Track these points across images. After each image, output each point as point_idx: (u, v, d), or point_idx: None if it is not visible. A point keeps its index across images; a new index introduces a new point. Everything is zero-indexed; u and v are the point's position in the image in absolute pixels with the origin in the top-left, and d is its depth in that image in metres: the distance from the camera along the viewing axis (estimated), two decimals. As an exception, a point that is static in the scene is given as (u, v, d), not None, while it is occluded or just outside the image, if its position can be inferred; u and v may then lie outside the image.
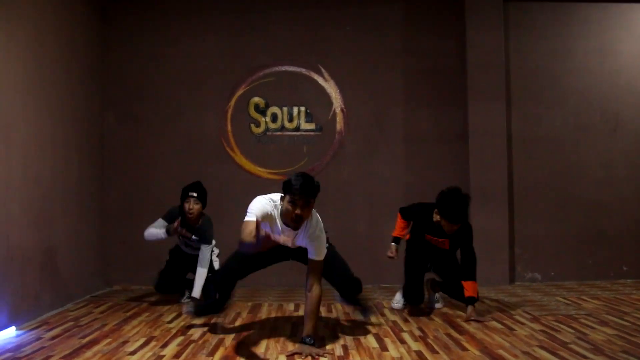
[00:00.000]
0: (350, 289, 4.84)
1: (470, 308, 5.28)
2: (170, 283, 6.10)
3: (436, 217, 5.34)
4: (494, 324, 5.06)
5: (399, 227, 5.73)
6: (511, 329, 4.85)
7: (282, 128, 7.33)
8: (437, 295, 5.87)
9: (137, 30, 7.34)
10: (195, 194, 5.89)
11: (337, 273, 4.78)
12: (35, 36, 5.53)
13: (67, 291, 6.11)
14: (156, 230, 5.84)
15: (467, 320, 5.19)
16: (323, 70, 7.35)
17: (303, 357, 4.08)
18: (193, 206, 5.86)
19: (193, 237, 5.90)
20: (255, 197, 4.34)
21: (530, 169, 7.40)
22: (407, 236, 5.76)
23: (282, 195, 4.24)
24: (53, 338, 4.68)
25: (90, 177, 6.76)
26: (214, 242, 5.96)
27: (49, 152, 5.75)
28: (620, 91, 7.50)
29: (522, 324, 5.04)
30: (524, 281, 7.31)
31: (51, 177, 5.77)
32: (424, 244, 5.60)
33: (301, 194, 4.13)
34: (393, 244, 5.72)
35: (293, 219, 4.20)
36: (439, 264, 5.69)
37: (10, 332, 4.85)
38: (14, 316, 4.99)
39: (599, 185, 7.44)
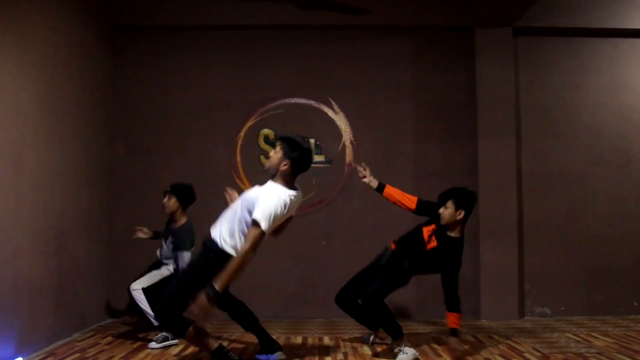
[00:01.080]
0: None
1: (452, 339, 5.19)
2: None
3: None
4: (504, 361, 5.02)
5: (400, 197, 5.65)
6: (521, 367, 4.81)
7: (292, 160, 7.33)
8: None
9: (147, 62, 7.39)
10: (169, 189, 6.00)
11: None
12: (46, 67, 5.58)
13: (74, 321, 6.10)
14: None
15: (450, 349, 5.20)
16: (333, 103, 7.37)
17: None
18: (167, 201, 5.96)
19: (168, 237, 5.97)
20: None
21: (540, 204, 7.36)
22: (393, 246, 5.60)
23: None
24: (59, 371, 4.68)
25: (99, 207, 6.77)
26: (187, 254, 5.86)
27: (58, 183, 5.77)
28: (631, 127, 7.49)
29: (532, 362, 5.00)
30: (534, 315, 7.25)
31: (60, 208, 5.78)
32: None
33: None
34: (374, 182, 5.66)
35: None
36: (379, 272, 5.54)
37: (17, 364, 4.84)
38: (22, 347, 4.98)
39: (609, 220, 7.40)
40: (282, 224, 4.66)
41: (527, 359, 5.10)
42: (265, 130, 7.35)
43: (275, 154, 4.49)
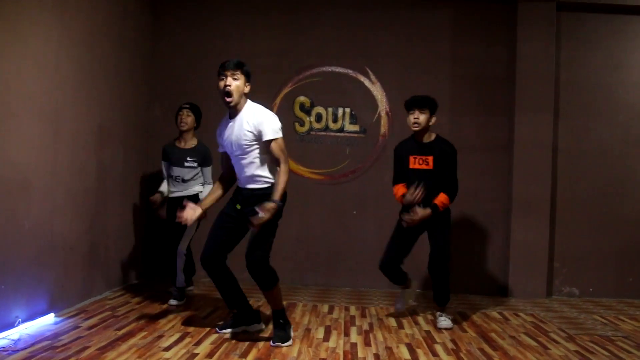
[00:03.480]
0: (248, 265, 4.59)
1: (427, 210, 5.27)
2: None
3: (409, 119, 5.50)
4: (528, 340, 5.02)
5: (399, 189, 5.53)
6: (546, 348, 4.81)
7: (326, 128, 7.34)
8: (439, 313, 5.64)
9: (187, 26, 7.41)
10: (187, 105, 6.05)
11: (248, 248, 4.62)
12: (87, 29, 5.63)
13: (106, 279, 6.23)
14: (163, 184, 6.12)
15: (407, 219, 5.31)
16: (370, 73, 7.33)
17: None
18: (185, 117, 5.99)
19: (187, 159, 6.01)
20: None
21: (575, 182, 7.28)
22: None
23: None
24: (90, 328, 4.79)
25: (134, 169, 6.85)
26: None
27: (96, 144, 5.85)
28: (673, 107, 7.35)
29: (557, 342, 4.99)
30: (562, 295, 7.23)
31: (96, 169, 5.87)
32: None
33: (226, 67, 4.62)
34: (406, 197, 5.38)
35: (221, 94, 4.59)
36: (431, 230, 5.46)
37: (50, 319, 4.97)
38: (54, 303, 5.11)
39: (644, 202, 7.31)
40: None
41: (552, 339, 5.09)
42: (302, 98, 7.35)
43: (238, 80, 4.65)
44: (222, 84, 4.58)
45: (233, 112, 4.66)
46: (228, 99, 4.56)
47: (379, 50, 7.36)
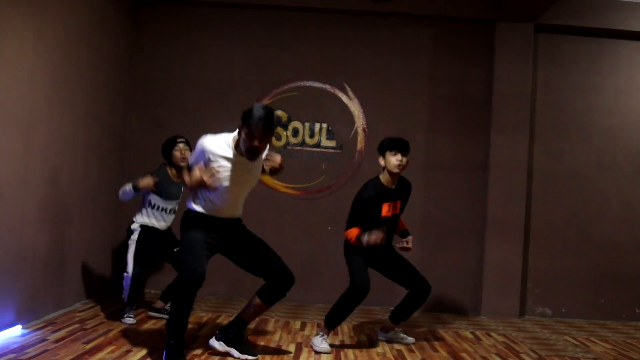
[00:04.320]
0: (285, 280, 4.64)
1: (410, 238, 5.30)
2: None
3: (385, 161, 5.18)
4: (500, 361, 5.02)
5: (355, 232, 5.10)
6: (516, 369, 4.81)
7: (303, 143, 7.33)
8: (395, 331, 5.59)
9: (166, 37, 7.37)
10: (184, 139, 5.75)
11: (271, 258, 4.67)
12: (64, 37, 5.57)
13: (76, 291, 6.15)
14: (124, 188, 5.57)
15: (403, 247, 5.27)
16: (348, 89, 7.34)
17: None
18: (184, 152, 5.66)
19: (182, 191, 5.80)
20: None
21: (549, 204, 7.33)
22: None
23: (241, 125, 4.24)
24: (57, 341, 4.71)
25: (108, 180, 6.77)
26: None
27: (69, 154, 5.78)
28: (647, 132, 7.43)
29: (528, 364, 5.00)
30: (534, 315, 7.24)
31: (69, 179, 5.80)
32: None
33: (260, 126, 4.16)
34: (364, 237, 4.97)
35: (249, 149, 4.24)
36: (391, 267, 5.39)
37: (16, 331, 4.88)
38: (22, 314, 5.02)
39: (617, 225, 7.35)
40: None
41: (523, 361, 5.10)
42: (278, 112, 7.31)
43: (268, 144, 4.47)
44: (254, 143, 4.22)
45: None
46: (251, 159, 4.35)
47: (357, 66, 7.37)
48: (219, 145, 4.35)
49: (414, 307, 5.37)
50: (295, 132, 7.34)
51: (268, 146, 4.49)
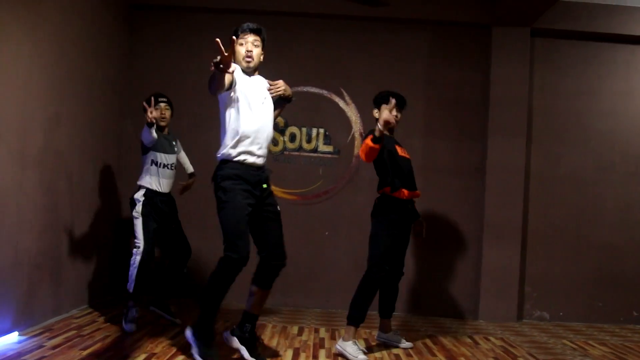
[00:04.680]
0: (277, 262, 4.61)
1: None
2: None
3: (386, 115, 4.95)
4: (497, 365, 5.01)
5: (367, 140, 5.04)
6: (514, 373, 4.80)
7: (300, 148, 7.33)
8: (393, 333, 5.58)
9: (163, 42, 7.38)
10: (165, 98, 5.79)
11: (273, 236, 4.65)
12: (60, 44, 5.58)
13: (73, 297, 6.13)
14: (145, 134, 5.54)
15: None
16: (345, 94, 7.34)
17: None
18: (164, 111, 5.74)
19: (174, 143, 5.89)
20: None
21: (547, 208, 7.33)
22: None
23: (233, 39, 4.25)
24: (54, 347, 4.69)
25: (106, 185, 6.77)
26: None
27: (65, 160, 5.78)
28: (643, 135, 7.44)
29: (526, 368, 4.99)
30: (532, 319, 7.24)
31: (65, 184, 5.80)
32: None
33: (247, 31, 4.58)
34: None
35: (244, 57, 4.54)
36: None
37: (13, 338, 4.87)
38: (18, 321, 5.01)
39: (615, 228, 7.35)
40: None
41: (521, 365, 5.10)
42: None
43: (258, 48, 4.65)
44: (243, 49, 4.55)
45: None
46: (249, 62, 4.59)
47: (354, 71, 7.38)
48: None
49: (390, 294, 5.41)
50: (293, 137, 7.34)
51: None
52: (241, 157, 4.42)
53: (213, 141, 7.09)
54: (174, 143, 5.89)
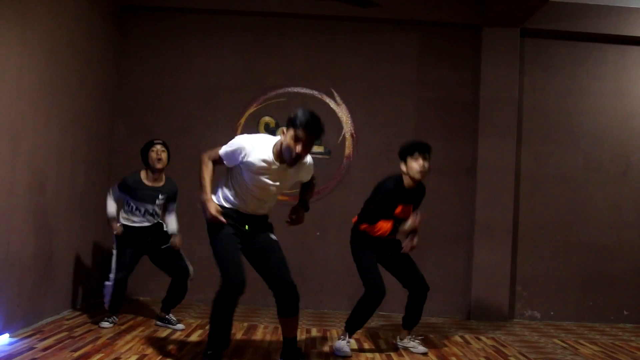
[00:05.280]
0: (289, 296, 4.51)
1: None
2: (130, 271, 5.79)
3: (407, 166, 5.13)
4: (488, 365, 5.03)
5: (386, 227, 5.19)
6: (505, 372, 4.82)
7: (291, 149, 7.32)
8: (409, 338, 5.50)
9: (153, 44, 7.37)
10: (161, 141, 5.74)
11: (275, 269, 4.58)
12: (50, 44, 5.56)
13: (64, 299, 6.12)
14: (110, 205, 5.73)
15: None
16: (335, 94, 7.35)
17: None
18: (161, 154, 5.66)
19: (159, 197, 5.76)
20: None
21: (537, 207, 7.36)
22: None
23: (285, 128, 4.19)
24: (45, 349, 4.68)
25: (96, 188, 6.75)
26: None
27: (56, 161, 5.77)
28: (632, 134, 7.47)
29: (517, 367, 5.01)
30: (523, 319, 7.27)
31: (56, 186, 5.78)
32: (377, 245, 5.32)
33: (308, 132, 4.10)
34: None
35: (293, 156, 4.15)
36: (395, 264, 5.37)
37: (4, 339, 4.85)
38: (9, 323, 4.99)
39: (605, 227, 7.39)
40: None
41: (512, 364, 5.11)
42: (266, 118, 7.34)
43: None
44: (298, 148, 4.13)
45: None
46: (292, 164, 4.29)
47: (345, 72, 7.39)
48: (261, 146, 4.25)
49: (415, 309, 5.34)
50: (284, 138, 7.33)
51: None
52: (227, 205, 4.43)
53: (204, 143, 7.11)
54: (159, 197, 5.78)
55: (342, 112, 7.35)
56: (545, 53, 7.47)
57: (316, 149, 7.30)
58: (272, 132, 7.30)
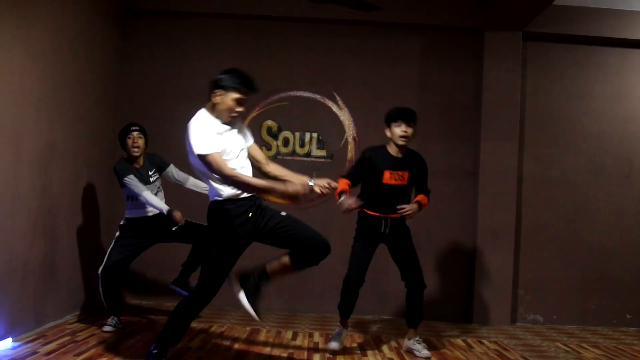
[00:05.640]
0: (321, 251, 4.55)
1: (414, 205, 5.32)
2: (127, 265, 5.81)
3: (390, 132, 5.36)
4: (491, 369, 5.03)
5: (342, 184, 5.31)
6: (508, 376, 4.81)
7: (293, 153, 7.34)
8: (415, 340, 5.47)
9: (156, 47, 7.38)
10: (137, 127, 5.74)
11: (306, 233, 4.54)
12: (52, 48, 5.57)
13: (67, 303, 6.12)
14: (157, 202, 5.60)
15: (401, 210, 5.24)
16: (338, 98, 7.36)
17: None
18: (137, 140, 5.67)
19: (149, 174, 5.77)
20: None
21: (539, 210, 7.36)
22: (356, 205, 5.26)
23: (215, 90, 4.40)
24: (49, 353, 4.69)
25: (99, 191, 6.76)
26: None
27: (58, 164, 5.77)
28: (635, 137, 7.46)
29: (520, 371, 5.00)
30: (526, 322, 7.26)
31: (59, 189, 5.79)
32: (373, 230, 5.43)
33: (247, 92, 4.40)
34: (342, 197, 5.20)
35: (233, 115, 4.36)
36: (398, 252, 5.43)
37: (7, 344, 4.86)
38: (12, 327, 5.00)
39: (608, 230, 7.39)
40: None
41: (514, 368, 5.11)
42: (269, 122, 7.34)
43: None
44: (240, 108, 4.40)
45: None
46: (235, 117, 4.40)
47: (347, 75, 7.39)
48: (209, 123, 4.42)
49: (413, 305, 5.37)
50: (286, 142, 7.35)
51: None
52: (232, 197, 4.35)
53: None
54: (149, 174, 5.80)
55: (345, 116, 7.36)
56: (547, 56, 7.47)
57: (319, 152, 7.32)
58: (275, 137, 7.31)
